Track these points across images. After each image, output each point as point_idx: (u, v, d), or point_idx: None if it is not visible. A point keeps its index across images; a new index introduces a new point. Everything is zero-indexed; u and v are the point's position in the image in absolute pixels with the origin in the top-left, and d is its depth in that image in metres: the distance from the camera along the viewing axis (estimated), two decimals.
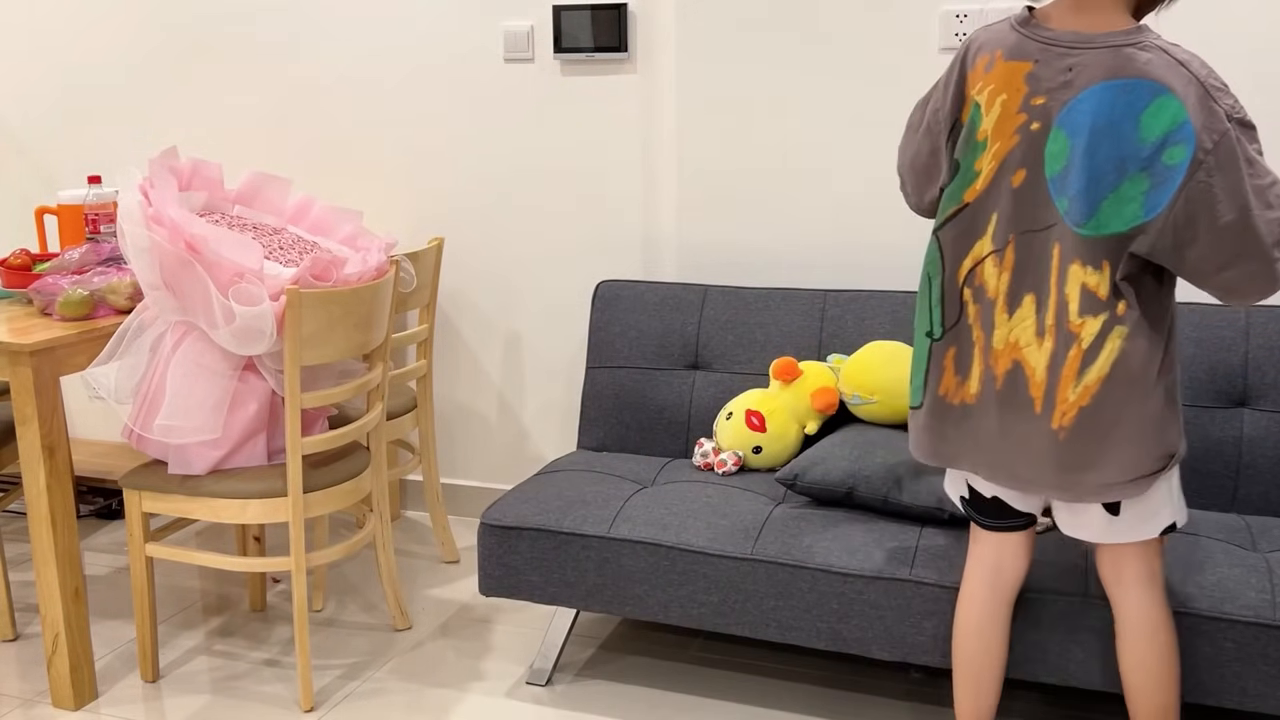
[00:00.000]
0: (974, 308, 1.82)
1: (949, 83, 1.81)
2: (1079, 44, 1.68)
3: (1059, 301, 1.73)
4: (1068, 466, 1.76)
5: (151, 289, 2.34)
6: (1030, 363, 1.76)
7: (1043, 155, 1.71)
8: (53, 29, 3.57)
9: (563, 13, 3.00)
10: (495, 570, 2.43)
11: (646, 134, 3.06)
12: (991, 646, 1.97)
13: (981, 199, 1.78)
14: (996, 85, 1.74)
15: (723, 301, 2.83)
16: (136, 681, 2.57)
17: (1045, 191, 1.72)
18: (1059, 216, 1.71)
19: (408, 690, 2.53)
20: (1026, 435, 1.78)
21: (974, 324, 1.82)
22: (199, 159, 2.58)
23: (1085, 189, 1.67)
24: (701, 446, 2.66)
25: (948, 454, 1.90)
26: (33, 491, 2.37)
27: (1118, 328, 1.70)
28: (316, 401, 2.37)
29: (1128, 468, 1.75)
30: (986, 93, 1.75)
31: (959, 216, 1.81)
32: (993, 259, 1.78)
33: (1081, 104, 1.67)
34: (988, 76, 1.75)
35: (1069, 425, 1.74)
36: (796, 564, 2.22)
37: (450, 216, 3.28)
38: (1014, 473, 1.82)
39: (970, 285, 1.82)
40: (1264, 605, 1.99)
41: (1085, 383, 1.72)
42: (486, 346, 3.33)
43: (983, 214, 1.78)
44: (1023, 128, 1.72)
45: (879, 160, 2.87)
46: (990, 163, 1.76)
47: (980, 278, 1.80)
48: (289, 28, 3.31)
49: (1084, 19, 1.70)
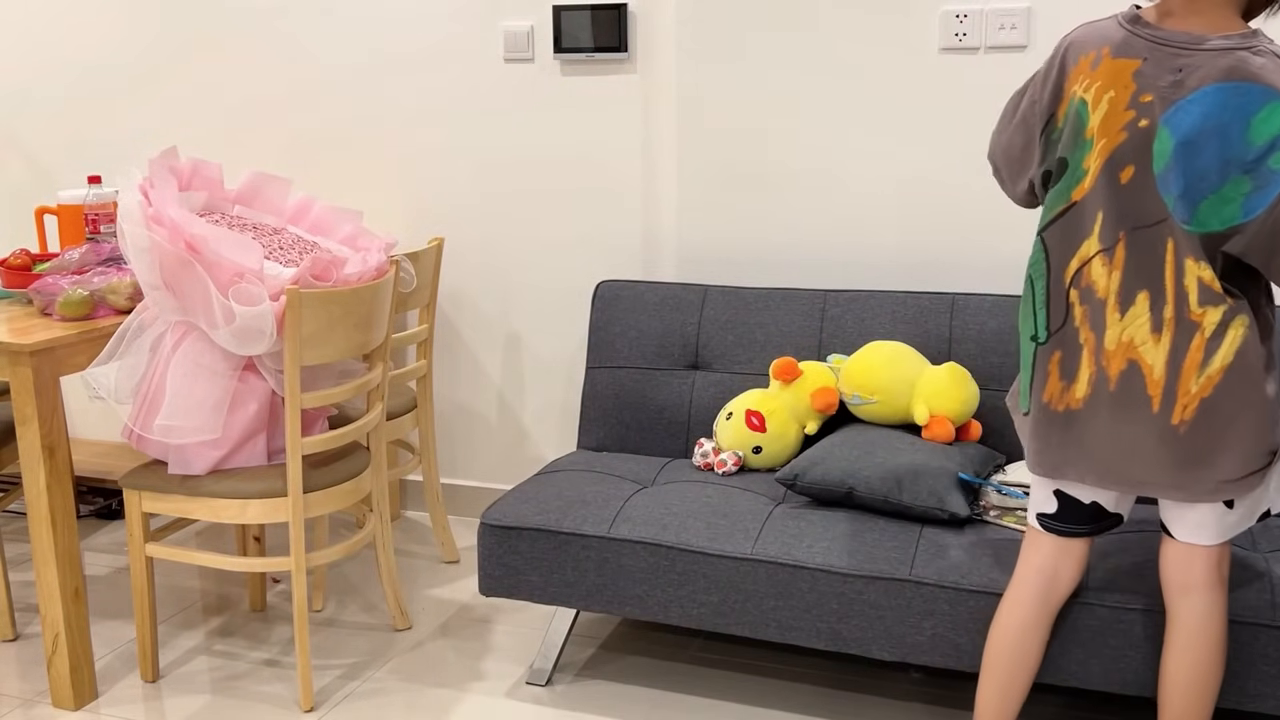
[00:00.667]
0: (1081, 309, 1.79)
1: (1048, 77, 1.80)
2: (1190, 45, 1.68)
3: (1178, 294, 1.71)
4: (1186, 463, 1.75)
5: (151, 289, 2.34)
6: (1147, 361, 1.75)
7: (1151, 151, 1.70)
8: (53, 29, 3.57)
9: (563, 13, 3.00)
10: (495, 570, 2.43)
11: (646, 134, 3.06)
12: (1031, 653, 1.96)
13: (1089, 197, 1.76)
14: (1104, 82, 1.73)
15: (723, 301, 2.83)
16: (136, 681, 2.57)
17: (1154, 187, 1.71)
18: (1168, 212, 1.71)
19: (408, 690, 2.53)
20: (1142, 435, 1.77)
21: (1081, 326, 1.80)
22: (199, 159, 2.58)
23: (1185, 190, 1.68)
24: (701, 446, 2.66)
25: (1051, 463, 1.86)
26: (33, 491, 2.37)
27: (1240, 316, 1.70)
28: (316, 401, 2.37)
29: (1242, 464, 1.74)
30: (1094, 89, 1.74)
31: (1066, 216, 1.79)
32: (1101, 258, 1.76)
33: (1191, 105, 1.66)
34: (1094, 74, 1.74)
35: (1190, 419, 1.73)
36: (796, 564, 2.22)
37: (450, 216, 3.28)
38: (1127, 475, 1.80)
39: (1077, 286, 1.79)
40: (1264, 605, 1.99)
41: (1209, 372, 1.71)
42: (486, 346, 3.33)
43: (1089, 212, 1.77)
44: (1130, 124, 1.71)
45: (879, 160, 2.87)
46: (1097, 160, 1.75)
47: (1088, 278, 1.78)
48: (289, 28, 3.31)
49: (1194, 20, 1.70)
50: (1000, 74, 2.73)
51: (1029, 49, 2.70)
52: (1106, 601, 2.04)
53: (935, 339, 2.65)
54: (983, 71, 2.75)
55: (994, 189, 2.79)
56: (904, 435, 2.48)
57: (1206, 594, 1.86)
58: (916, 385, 2.52)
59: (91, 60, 3.55)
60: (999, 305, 2.63)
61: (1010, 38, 2.70)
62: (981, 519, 2.35)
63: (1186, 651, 1.88)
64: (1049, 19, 2.68)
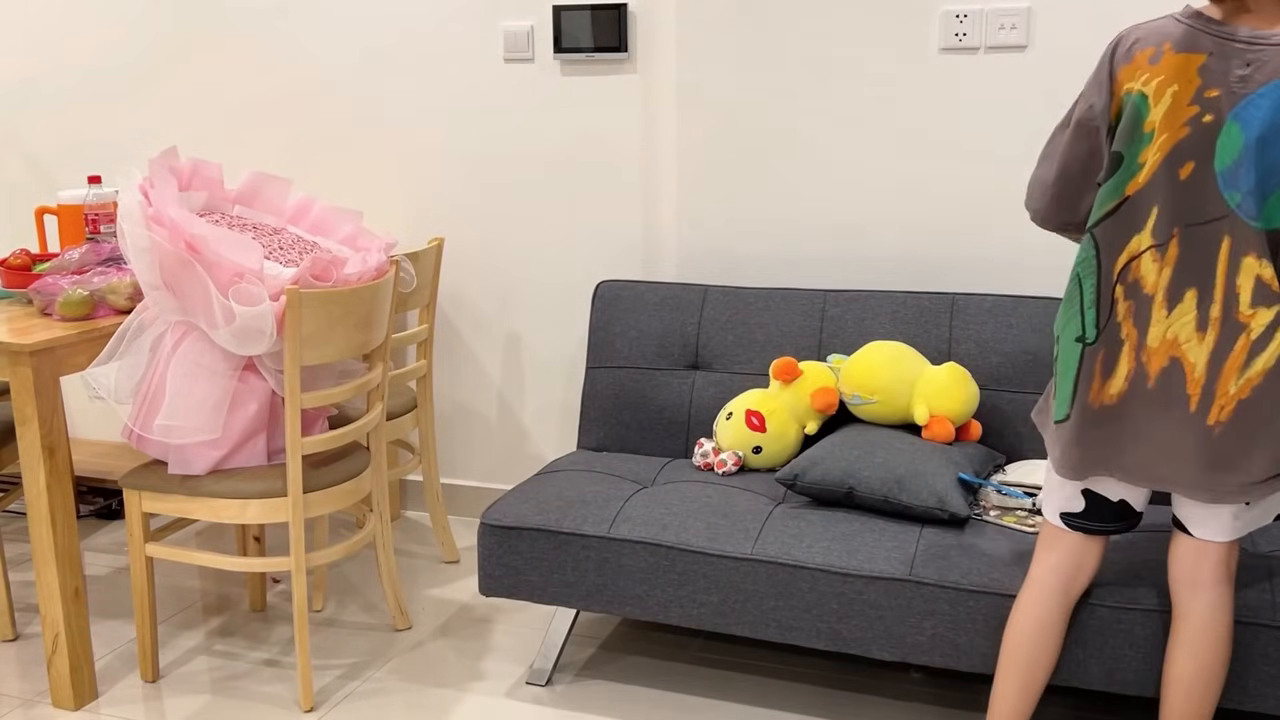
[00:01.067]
0: (1125, 305, 1.78)
1: (1099, 81, 1.79)
2: (1256, 40, 1.68)
3: (1227, 294, 1.71)
4: (1216, 465, 1.75)
5: (151, 289, 2.34)
6: (1190, 359, 1.74)
7: (1213, 148, 1.70)
8: (53, 29, 3.57)
9: (563, 13, 3.00)
10: (495, 570, 2.43)
11: (646, 134, 3.06)
12: (1051, 651, 1.96)
13: (1143, 192, 1.75)
14: (1167, 76, 1.72)
15: (723, 301, 2.83)
16: (136, 681, 2.57)
17: (1214, 184, 1.70)
18: (1229, 209, 1.70)
19: (408, 690, 2.53)
20: (1175, 435, 1.76)
21: (1124, 321, 1.79)
22: (199, 159, 2.58)
23: (1256, 184, 1.67)
24: (701, 446, 2.66)
25: (1088, 462, 1.85)
26: (33, 491, 2.37)
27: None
28: (316, 401, 2.37)
29: (1269, 466, 1.74)
30: (1155, 84, 1.73)
31: (1119, 212, 1.78)
32: (1152, 254, 1.75)
33: (1261, 99, 1.66)
34: (1154, 69, 1.73)
35: (1225, 420, 1.73)
36: (796, 564, 2.22)
37: (450, 216, 3.28)
38: (1155, 473, 1.79)
39: (1123, 282, 1.78)
40: (1264, 605, 1.99)
41: (1249, 375, 1.71)
42: (486, 346, 3.33)
43: (1143, 207, 1.76)
44: (1194, 119, 1.71)
45: (879, 160, 2.87)
46: (1156, 154, 1.74)
47: (1136, 273, 1.77)
48: (289, 28, 3.31)
49: (1258, 18, 1.70)
50: (1000, 74, 2.74)
51: (1029, 49, 2.70)
52: (1106, 601, 2.04)
53: (935, 339, 2.65)
54: (983, 71, 2.75)
55: (994, 189, 2.80)
56: (904, 435, 2.48)
57: (1215, 591, 1.87)
58: (916, 385, 2.52)
59: (92, 60, 3.55)
60: (999, 305, 2.63)
61: (1010, 38, 2.70)
62: (981, 519, 2.35)
63: (1192, 649, 1.88)
64: (1049, 19, 2.68)
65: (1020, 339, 2.58)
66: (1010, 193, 2.78)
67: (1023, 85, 2.73)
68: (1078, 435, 1.84)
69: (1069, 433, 1.86)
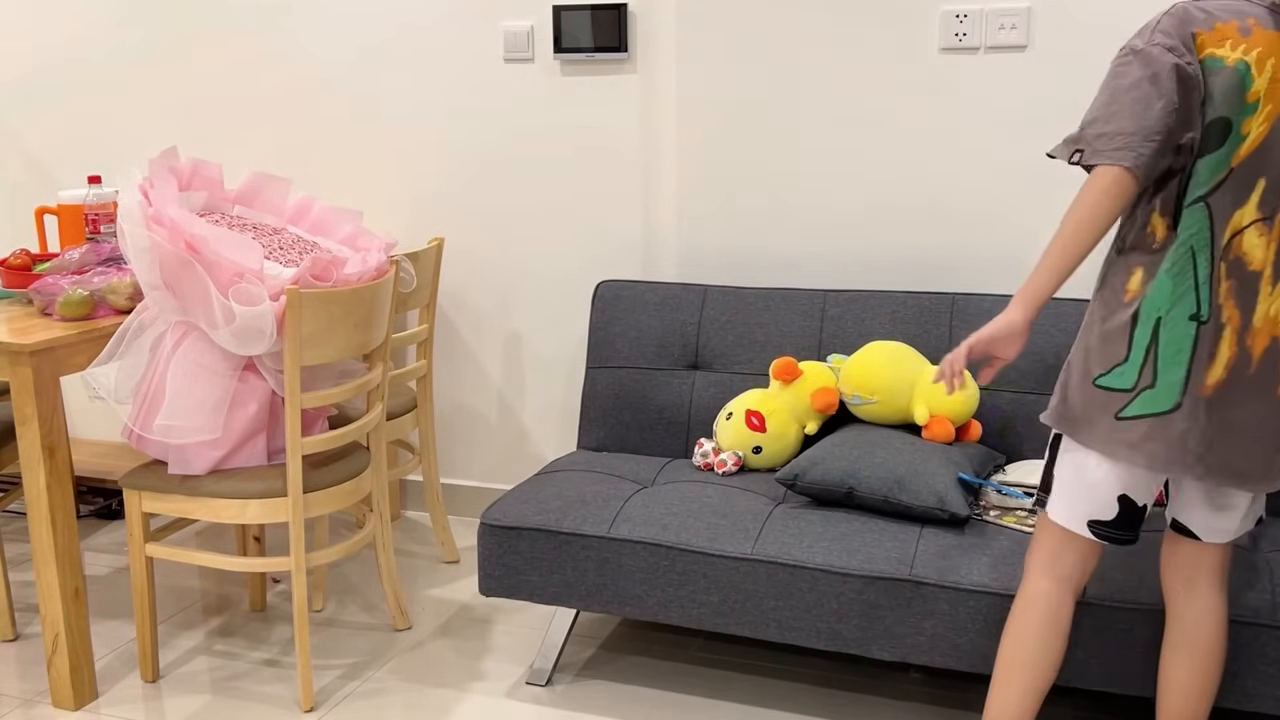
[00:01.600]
0: (1228, 283, 1.70)
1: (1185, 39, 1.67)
2: None
3: None
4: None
5: (151, 289, 2.34)
6: None
7: None
8: (53, 28, 3.57)
9: (563, 13, 3.00)
10: (495, 570, 2.43)
11: (646, 134, 3.06)
12: (1059, 651, 1.89)
13: (1246, 163, 1.69)
14: (1264, 49, 1.67)
15: (723, 301, 2.83)
16: (136, 681, 2.57)
17: None
18: None
19: (408, 690, 2.53)
20: (1264, 419, 1.70)
21: (1226, 302, 1.70)
22: (199, 159, 2.58)
23: None
24: (701, 446, 2.66)
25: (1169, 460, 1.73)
26: (33, 491, 2.37)
27: None
28: (316, 401, 2.37)
29: None
30: (1255, 54, 1.67)
31: (1226, 183, 1.69)
32: (1257, 228, 1.70)
33: None
34: (1248, 40, 1.67)
35: None
36: (796, 564, 2.22)
37: (450, 216, 3.28)
38: (1235, 469, 1.72)
39: (1226, 259, 1.70)
40: (1264, 605, 1.99)
41: None
42: (486, 346, 3.33)
43: (1247, 180, 1.69)
44: None
45: (879, 160, 2.87)
46: (1262, 125, 1.68)
47: (1239, 249, 1.70)
48: (289, 28, 3.31)
49: None
50: (1000, 74, 2.74)
51: (1029, 49, 2.70)
52: (1106, 601, 2.04)
53: (935, 339, 2.65)
54: (983, 71, 2.75)
55: (994, 189, 2.80)
56: (904, 435, 2.48)
57: (1210, 593, 1.86)
58: (916, 385, 2.52)
59: (92, 60, 3.55)
60: (999, 305, 2.63)
61: (1010, 38, 2.70)
62: (981, 519, 2.35)
63: (1188, 651, 1.87)
64: (1049, 19, 2.68)
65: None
66: (1011, 193, 2.78)
67: (1023, 85, 2.73)
68: (1188, 426, 1.71)
69: (1177, 425, 1.71)
